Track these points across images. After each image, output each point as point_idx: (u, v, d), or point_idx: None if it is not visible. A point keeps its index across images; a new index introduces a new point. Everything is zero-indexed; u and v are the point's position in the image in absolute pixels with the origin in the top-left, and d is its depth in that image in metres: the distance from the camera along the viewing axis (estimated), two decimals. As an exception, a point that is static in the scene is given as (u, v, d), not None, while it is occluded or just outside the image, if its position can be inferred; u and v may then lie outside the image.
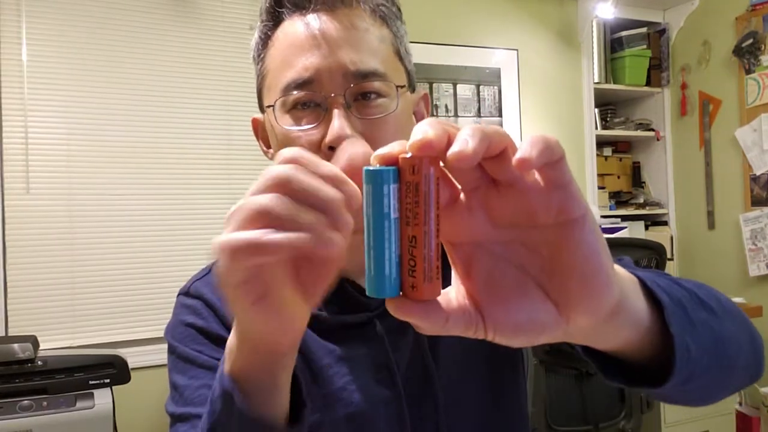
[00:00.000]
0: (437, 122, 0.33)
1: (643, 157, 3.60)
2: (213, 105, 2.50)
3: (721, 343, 0.50)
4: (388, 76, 0.69)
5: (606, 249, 0.35)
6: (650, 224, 3.49)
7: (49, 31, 2.26)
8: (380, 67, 0.68)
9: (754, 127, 3.03)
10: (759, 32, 3.00)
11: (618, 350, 0.45)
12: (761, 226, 3.00)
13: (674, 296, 0.46)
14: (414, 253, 0.32)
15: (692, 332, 0.46)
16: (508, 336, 0.36)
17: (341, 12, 0.68)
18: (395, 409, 0.71)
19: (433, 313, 0.34)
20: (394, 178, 0.33)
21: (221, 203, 2.50)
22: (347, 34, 0.67)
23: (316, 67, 0.66)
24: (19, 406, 1.75)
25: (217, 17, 2.53)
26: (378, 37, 0.69)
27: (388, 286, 0.33)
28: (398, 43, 0.73)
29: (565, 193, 0.33)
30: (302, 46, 0.67)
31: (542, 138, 0.31)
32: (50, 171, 2.25)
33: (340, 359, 0.71)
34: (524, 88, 3.14)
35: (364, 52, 0.67)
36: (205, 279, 0.77)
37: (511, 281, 0.36)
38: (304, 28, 0.68)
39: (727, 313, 0.53)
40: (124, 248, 2.34)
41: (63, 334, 2.23)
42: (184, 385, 0.68)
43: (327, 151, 0.65)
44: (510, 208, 0.34)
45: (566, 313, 0.35)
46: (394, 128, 0.69)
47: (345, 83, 0.66)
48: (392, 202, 0.33)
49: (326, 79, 0.66)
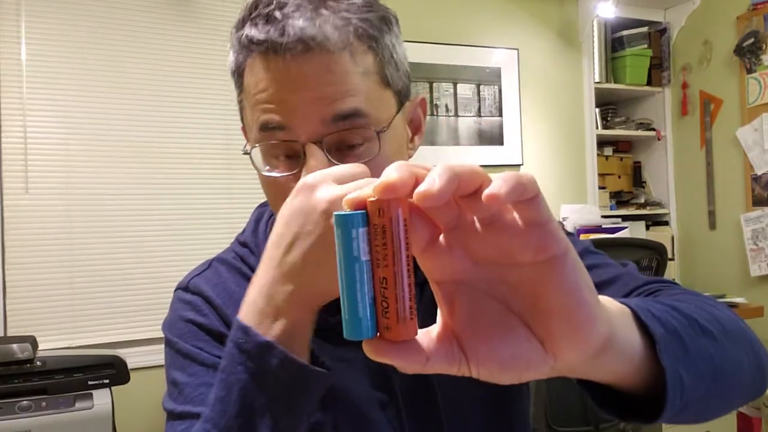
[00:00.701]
0: (404, 165, 0.33)
1: (643, 157, 3.59)
2: (212, 105, 2.49)
3: (720, 370, 0.49)
4: (371, 116, 0.64)
5: (590, 285, 0.35)
6: (651, 224, 3.48)
7: (49, 30, 2.26)
8: (363, 105, 0.63)
9: (755, 127, 3.03)
10: (760, 31, 2.99)
11: (611, 383, 0.44)
12: (762, 226, 2.99)
13: (669, 326, 0.45)
14: (386, 294, 0.33)
15: (687, 362, 0.45)
16: (493, 373, 0.35)
17: (317, 52, 0.62)
18: (393, 412, 0.70)
19: (410, 353, 0.34)
20: (362, 221, 0.33)
21: (220, 203, 2.49)
22: (325, 78, 0.62)
23: (290, 113, 0.63)
24: (18, 407, 1.74)
25: (217, 17, 2.53)
26: (360, 72, 0.64)
27: (363, 328, 0.33)
28: (385, 64, 0.67)
29: (544, 231, 0.33)
30: (278, 89, 0.63)
31: (515, 175, 0.31)
32: (49, 171, 2.24)
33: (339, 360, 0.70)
34: (525, 87, 3.14)
35: (344, 94, 0.63)
36: (204, 275, 0.76)
37: (494, 318, 0.36)
38: (277, 71, 0.63)
39: (729, 335, 0.52)
40: (124, 248, 2.33)
41: (62, 334, 2.23)
42: (184, 382, 0.68)
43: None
44: (489, 246, 0.34)
45: (552, 350, 0.35)
46: (381, 167, 0.66)
47: (323, 131, 0.62)
48: (361, 245, 0.33)
49: (301, 127, 0.63)
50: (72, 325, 2.25)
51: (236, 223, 2.48)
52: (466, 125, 2.99)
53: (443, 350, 0.35)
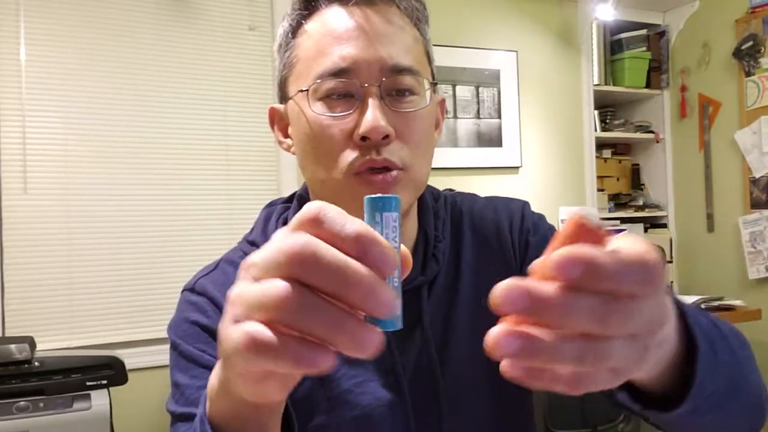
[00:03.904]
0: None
1: (642, 159, 3.59)
2: (211, 106, 2.49)
3: (736, 383, 0.51)
4: (421, 73, 0.70)
5: (668, 329, 0.38)
6: (649, 227, 3.49)
7: (48, 31, 2.26)
8: (414, 64, 0.69)
9: (753, 130, 3.03)
10: (759, 34, 3.00)
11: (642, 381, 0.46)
12: (760, 228, 3.00)
13: (709, 337, 0.46)
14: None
15: (714, 375, 0.46)
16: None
17: (379, 7, 0.69)
18: (401, 413, 0.70)
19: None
20: (396, 206, 0.34)
21: (219, 204, 2.49)
22: (385, 29, 0.68)
23: (354, 58, 0.66)
24: (15, 407, 1.74)
25: (216, 18, 2.53)
26: (412, 36, 0.71)
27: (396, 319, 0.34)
28: (427, 45, 0.74)
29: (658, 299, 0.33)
30: (340, 36, 0.67)
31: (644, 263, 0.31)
32: (48, 171, 2.24)
33: (346, 362, 0.70)
34: (524, 89, 3.14)
35: (401, 48, 0.68)
36: (211, 276, 0.76)
37: None
38: (343, 19, 0.68)
39: (745, 353, 0.54)
40: (122, 249, 2.33)
41: (60, 335, 2.23)
42: (186, 384, 0.68)
43: (359, 141, 0.65)
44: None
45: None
46: (424, 124, 0.70)
47: (380, 76, 0.66)
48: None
49: (363, 70, 0.66)
50: (70, 325, 2.25)
51: (235, 223, 2.48)
52: (465, 127, 3.00)
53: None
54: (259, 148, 2.56)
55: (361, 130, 0.64)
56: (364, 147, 0.65)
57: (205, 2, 2.51)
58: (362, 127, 0.64)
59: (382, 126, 0.64)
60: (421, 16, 0.73)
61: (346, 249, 0.32)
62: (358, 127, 0.65)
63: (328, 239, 0.32)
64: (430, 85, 0.71)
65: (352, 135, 0.66)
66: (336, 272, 0.31)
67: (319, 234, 0.32)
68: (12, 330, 2.16)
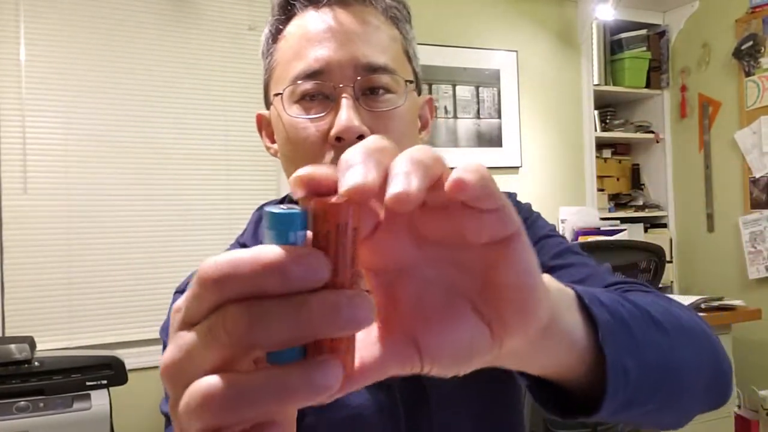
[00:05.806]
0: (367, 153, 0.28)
1: (642, 159, 3.59)
2: (211, 106, 2.49)
3: (674, 366, 0.47)
4: (398, 72, 0.69)
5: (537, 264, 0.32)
6: (649, 226, 3.48)
7: (48, 31, 2.26)
8: (390, 63, 0.69)
9: (753, 130, 3.03)
10: (759, 34, 3.00)
11: (555, 375, 0.42)
12: (760, 228, 3.00)
13: (617, 313, 0.43)
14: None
15: (635, 353, 0.43)
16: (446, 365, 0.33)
17: (354, 8, 0.69)
18: (391, 414, 0.70)
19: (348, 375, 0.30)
20: (302, 223, 0.27)
21: (218, 204, 2.49)
22: (360, 29, 0.68)
23: (327, 59, 0.66)
24: (15, 407, 1.74)
25: (215, 18, 2.53)
26: (389, 35, 0.71)
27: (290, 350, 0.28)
28: (407, 44, 0.74)
29: (498, 214, 0.30)
30: (314, 38, 0.67)
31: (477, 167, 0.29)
32: (48, 171, 2.24)
33: None
34: (524, 89, 3.14)
35: (375, 47, 0.68)
36: None
37: (441, 306, 0.33)
38: (316, 21, 0.68)
39: (685, 332, 0.50)
40: (122, 249, 2.33)
41: (60, 335, 2.23)
42: None
43: (334, 142, 0.65)
44: (438, 228, 0.31)
45: (499, 335, 0.33)
46: (401, 123, 0.69)
47: (354, 75, 0.66)
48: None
49: (336, 71, 0.66)
50: (70, 325, 2.25)
51: (234, 224, 2.48)
52: (465, 127, 3.00)
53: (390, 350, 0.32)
54: (259, 148, 2.54)
55: (334, 130, 0.64)
56: (340, 147, 0.64)
57: (205, 2, 2.51)
58: (336, 127, 0.64)
59: (356, 126, 0.64)
60: (399, 15, 0.73)
61: (272, 283, 0.26)
62: (333, 127, 0.65)
63: (247, 288, 0.27)
64: (407, 84, 0.70)
65: (327, 136, 0.65)
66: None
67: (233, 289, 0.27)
68: (12, 330, 2.16)
